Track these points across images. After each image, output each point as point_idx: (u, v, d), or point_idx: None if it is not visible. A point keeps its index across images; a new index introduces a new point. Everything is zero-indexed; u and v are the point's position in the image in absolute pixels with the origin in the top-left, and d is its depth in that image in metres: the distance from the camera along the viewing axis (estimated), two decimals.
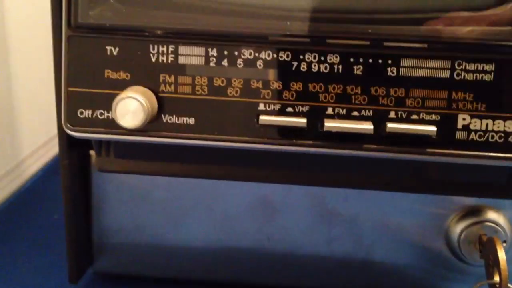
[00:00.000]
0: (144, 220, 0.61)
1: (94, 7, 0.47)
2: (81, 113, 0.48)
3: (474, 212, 0.57)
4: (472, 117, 0.47)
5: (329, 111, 0.47)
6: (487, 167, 0.49)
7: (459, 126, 0.47)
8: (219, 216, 0.60)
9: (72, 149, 0.57)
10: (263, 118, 0.48)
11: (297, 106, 0.48)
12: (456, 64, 0.46)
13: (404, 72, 0.47)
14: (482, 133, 0.47)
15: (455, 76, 0.46)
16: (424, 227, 0.58)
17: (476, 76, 0.46)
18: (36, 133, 0.93)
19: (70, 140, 0.55)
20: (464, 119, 0.47)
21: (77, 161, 0.59)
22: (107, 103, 0.47)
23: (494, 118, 0.47)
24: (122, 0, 0.47)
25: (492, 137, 0.47)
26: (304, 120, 0.47)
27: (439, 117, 0.47)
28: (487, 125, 0.47)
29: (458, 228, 0.57)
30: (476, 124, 0.47)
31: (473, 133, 0.47)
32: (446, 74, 0.46)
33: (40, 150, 0.94)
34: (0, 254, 0.71)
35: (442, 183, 0.54)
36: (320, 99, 0.47)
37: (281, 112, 0.48)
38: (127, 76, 0.48)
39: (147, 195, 0.60)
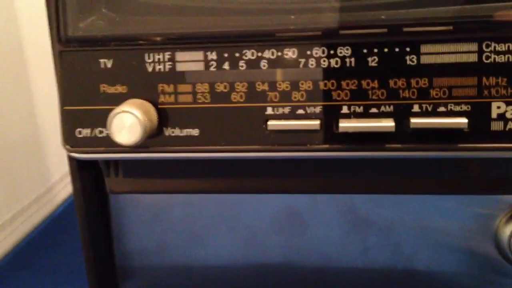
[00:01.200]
0: (167, 239, 0.59)
1: (85, 18, 0.44)
2: (80, 132, 0.46)
3: None
4: (507, 104, 0.42)
5: (344, 109, 0.43)
6: None
7: (494, 115, 0.42)
8: (244, 231, 0.57)
9: (84, 171, 0.54)
10: (272, 123, 0.44)
11: (308, 107, 0.43)
12: (484, 46, 0.41)
13: (425, 59, 0.42)
14: None
15: (484, 59, 0.41)
16: (470, 230, 0.53)
17: (509, 58, 0.41)
18: (65, 158, 0.92)
19: (81, 161, 0.52)
20: (498, 107, 0.42)
21: (92, 183, 0.56)
22: (105, 120, 0.44)
23: None
24: (115, 8, 0.44)
25: None
26: (317, 122, 0.43)
27: (469, 107, 0.42)
28: None
29: (508, 229, 0.51)
30: None
31: (510, 123, 0.42)
32: (473, 58, 0.41)
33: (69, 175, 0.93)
34: (28, 281, 0.69)
35: (486, 181, 0.49)
36: (334, 98, 0.43)
37: (291, 115, 0.44)
38: (124, 89, 0.45)
39: (167, 214, 0.58)
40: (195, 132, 0.45)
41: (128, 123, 0.42)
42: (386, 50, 0.42)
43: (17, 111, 0.81)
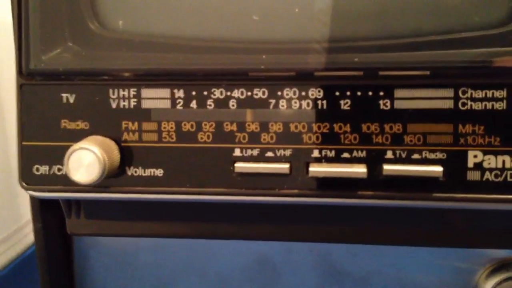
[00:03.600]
0: (132, 286, 0.55)
1: (48, 50, 0.42)
2: (37, 169, 0.44)
3: (505, 265, 0.49)
4: (485, 153, 0.40)
5: (315, 153, 0.41)
6: None
7: (470, 164, 0.40)
8: (213, 280, 0.54)
9: (47, 210, 0.52)
10: (240, 165, 0.42)
11: (278, 150, 0.42)
12: (460, 92, 0.39)
13: (399, 104, 0.40)
14: (499, 172, 0.40)
15: (460, 106, 0.40)
16: (448, 284, 0.51)
17: (486, 105, 0.39)
18: None
19: (43, 200, 0.50)
20: (475, 156, 0.40)
21: (55, 224, 0.53)
22: (64, 157, 0.42)
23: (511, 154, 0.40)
24: (81, 42, 0.43)
25: (511, 176, 0.40)
26: (286, 165, 0.41)
27: (445, 155, 0.40)
28: (503, 162, 0.40)
29: (488, 285, 0.49)
30: (490, 161, 0.40)
31: (487, 173, 0.40)
32: (449, 104, 0.40)
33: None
34: None
35: (466, 234, 0.47)
36: (304, 141, 0.41)
37: (260, 158, 0.42)
38: (85, 125, 0.43)
39: (134, 259, 0.55)
40: (159, 172, 0.43)
41: (86, 160, 0.40)
42: (359, 93, 0.40)
43: None
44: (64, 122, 0.43)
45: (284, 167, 0.41)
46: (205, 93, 0.42)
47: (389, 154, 0.41)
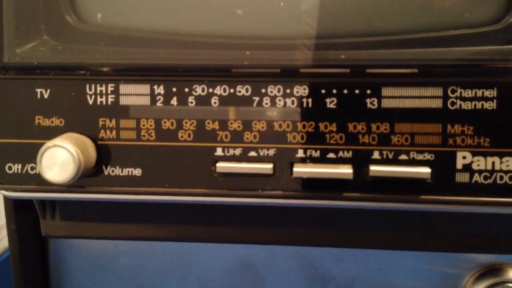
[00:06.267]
0: None
1: (23, 44, 0.41)
2: (10, 168, 0.42)
3: (493, 271, 0.49)
4: (474, 154, 0.39)
5: (300, 153, 0.40)
6: (503, 216, 0.41)
7: (459, 166, 0.39)
8: (194, 285, 0.53)
9: (21, 212, 0.50)
10: (221, 165, 0.41)
11: (261, 150, 0.40)
12: (449, 91, 0.38)
13: (387, 103, 0.39)
14: (488, 174, 0.39)
15: (449, 105, 0.38)
16: None
17: (475, 105, 0.38)
18: None
19: (17, 201, 0.48)
20: (464, 157, 0.39)
21: (30, 226, 0.52)
22: (37, 155, 0.40)
23: (501, 155, 0.39)
24: (57, 36, 0.42)
25: (501, 178, 0.39)
26: (270, 165, 0.40)
27: (433, 156, 0.39)
28: (493, 163, 0.39)
29: None
30: (479, 163, 0.39)
31: (476, 174, 0.39)
32: (438, 103, 0.39)
33: None
34: None
35: (453, 238, 0.46)
36: (288, 140, 0.40)
37: (243, 158, 0.41)
38: (60, 122, 0.41)
39: (112, 262, 0.54)
40: (137, 172, 0.41)
41: (60, 158, 0.38)
42: (346, 91, 0.39)
43: None
44: (38, 118, 0.42)
45: (267, 167, 0.40)
46: (186, 89, 0.41)
47: (376, 155, 0.40)
